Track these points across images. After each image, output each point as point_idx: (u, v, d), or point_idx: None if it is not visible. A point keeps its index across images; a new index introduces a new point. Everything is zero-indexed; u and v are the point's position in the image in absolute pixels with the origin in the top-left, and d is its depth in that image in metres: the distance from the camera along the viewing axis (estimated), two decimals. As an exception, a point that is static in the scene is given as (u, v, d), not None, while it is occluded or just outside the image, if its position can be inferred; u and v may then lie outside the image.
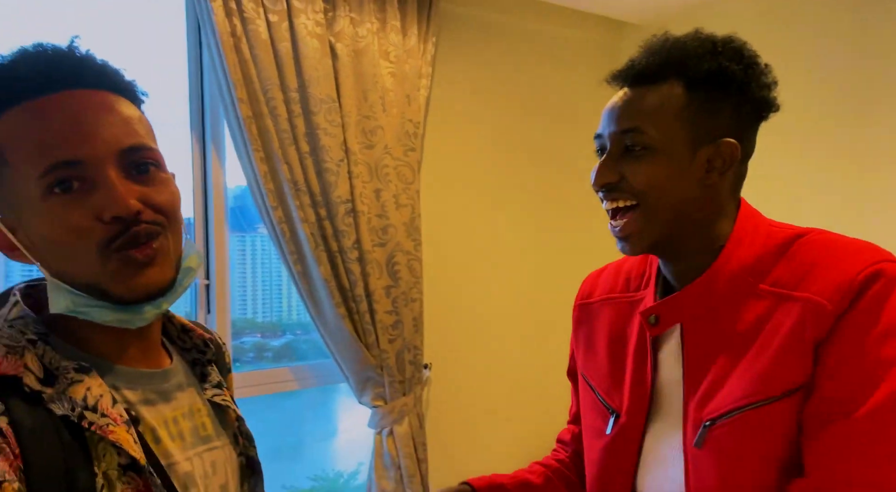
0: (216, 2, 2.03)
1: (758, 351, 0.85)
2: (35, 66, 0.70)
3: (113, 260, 0.69)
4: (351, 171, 2.24)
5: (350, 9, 2.30)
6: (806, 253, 0.87)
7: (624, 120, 0.89)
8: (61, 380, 0.68)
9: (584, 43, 3.12)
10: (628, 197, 0.89)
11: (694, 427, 0.87)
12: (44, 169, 0.67)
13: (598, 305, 1.08)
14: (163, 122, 2.18)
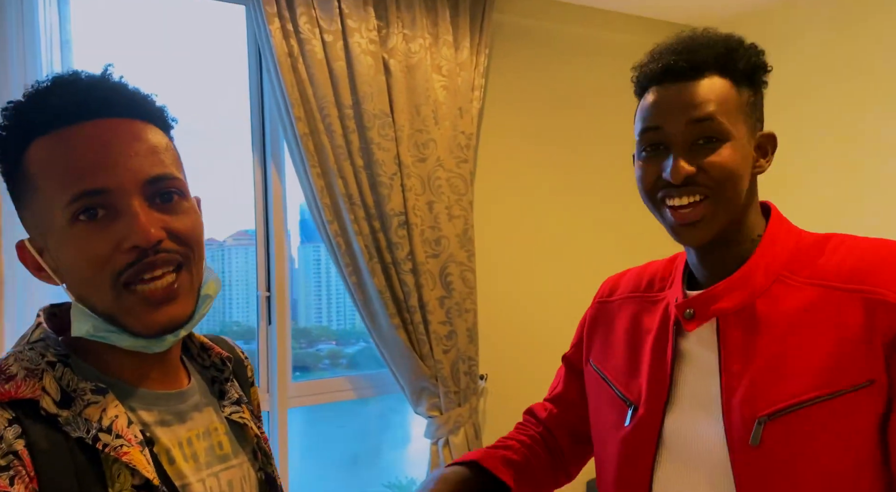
0: (274, 24, 2.12)
1: (812, 345, 0.83)
2: (67, 96, 0.71)
3: (125, 296, 0.71)
4: (404, 184, 2.28)
5: (403, 26, 2.35)
6: (848, 250, 0.87)
7: (696, 110, 0.87)
8: (78, 402, 0.70)
9: (641, 48, 3.07)
10: (702, 190, 0.87)
11: (743, 423, 0.84)
12: (71, 197, 0.69)
13: (618, 303, 1.09)
14: (227, 141, 2.30)
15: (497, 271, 2.61)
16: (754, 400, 0.85)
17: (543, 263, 2.73)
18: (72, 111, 0.71)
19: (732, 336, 0.89)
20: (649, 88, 0.92)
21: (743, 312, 0.89)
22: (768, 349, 0.86)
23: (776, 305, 0.88)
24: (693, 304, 0.91)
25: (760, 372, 0.86)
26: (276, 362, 2.27)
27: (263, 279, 2.30)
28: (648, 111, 0.91)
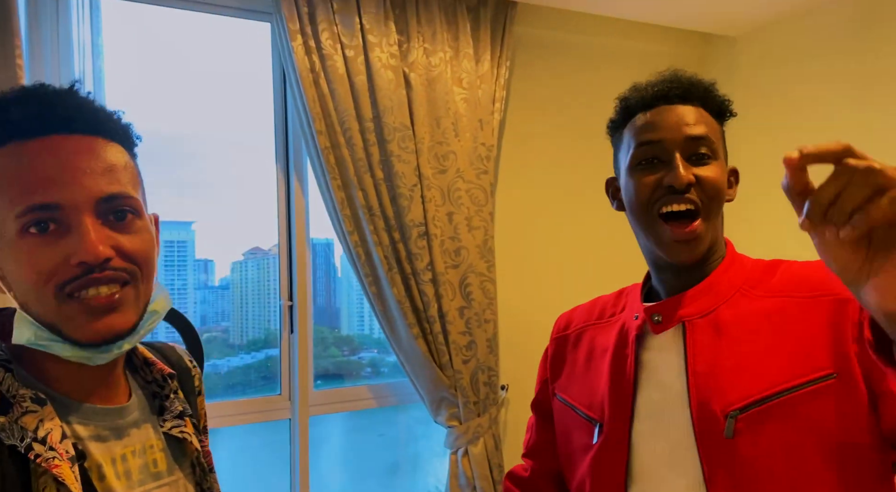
0: (296, 41, 2.18)
1: (776, 343, 0.88)
2: (29, 109, 0.71)
3: (68, 304, 0.71)
4: (424, 195, 2.31)
5: (423, 40, 2.39)
6: (795, 271, 0.95)
7: (695, 128, 0.95)
8: (16, 408, 0.69)
9: (668, 57, 3.05)
10: (696, 202, 0.93)
11: (713, 419, 0.87)
12: (23, 209, 0.69)
13: (574, 334, 1.14)
14: (252, 155, 2.36)
15: (518, 282, 2.61)
16: (724, 396, 0.88)
17: (564, 273, 2.72)
18: (33, 125, 0.71)
19: (698, 340, 0.93)
20: (640, 112, 0.98)
21: (708, 317, 0.93)
22: (734, 350, 0.90)
23: (739, 311, 0.93)
24: (661, 309, 0.96)
25: (727, 371, 0.89)
26: (297, 371, 2.31)
27: (286, 288, 2.35)
28: (646, 128, 0.97)
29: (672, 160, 0.93)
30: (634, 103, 1.00)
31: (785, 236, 2.94)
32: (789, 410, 0.85)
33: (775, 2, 2.67)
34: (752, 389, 0.87)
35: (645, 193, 0.95)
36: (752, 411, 0.86)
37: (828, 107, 2.69)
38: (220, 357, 2.48)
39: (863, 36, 2.56)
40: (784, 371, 0.87)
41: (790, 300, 0.91)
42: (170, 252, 2.41)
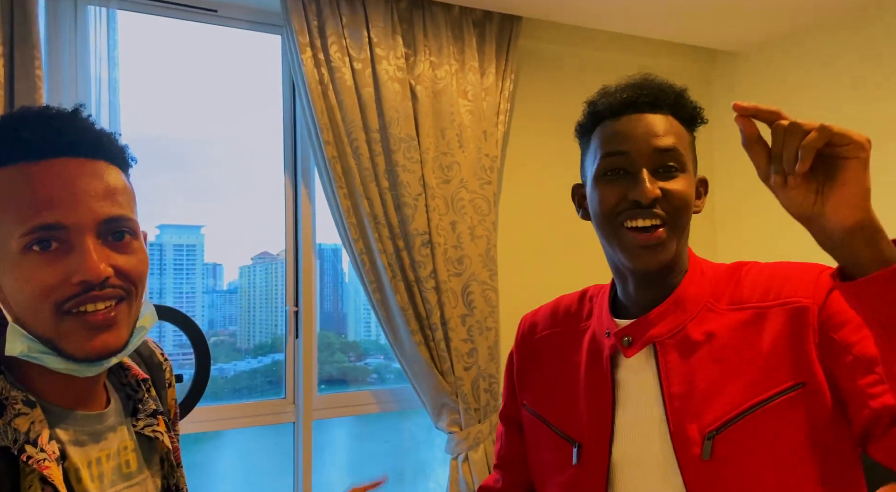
0: (306, 54, 2.24)
1: (744, 359, 0.89)
2: (38, 131, 0.74)
3: (67, 321, 0.74)
4: (428, 204, 2.36)
5: (430, 53, 2.45)
6: (756, 276, 0.95)
7: (663, 139, 0.92)
8: (9, 410, 0.73)
9: (671, 72, 3.09)
10: (661, 216, 0.91)
11: (692, 441, 0.88)
12: (28, 228, 0.72)
13: (541, 340, 1.10)
14: (262, 162, 2.42)
15: (520, 291, 2.65)
16: (700, 417, 0.88)
17: (566, 283, 2.75)
18: (41, 147, 0.74)
19: (670, 360, 0.92)
20: (608, 119, 0.97)
21: (677, 336, 0.93)
22: (705, 369, 0.90)
23: (706, 328, 0.93)
24: (630, 331, 0.95)
25: (701, 391, 0.89)
26: (301, 375, 2.36)
27: (292, 294, 2.40)
28: (613, 137, 0.94)
29: (638, 174, 0.91)
30: (602, 109, 0.97)
31: (783, 243, 2.97)
32: (762, 423, 0.86)
33: (777, 19, 2.71)
34: (725, 408, 0.87)
35: (609, 205, 0.93)
36: (727, 430, 0.86)
37: (830, 120, 2.72)
38: (227, 361, 2.52)
39: (863, 53, 2.60)
40: (753, 386, 0.87)
41: (753, 312, 0.91)
42: (179, 256, 2.46)
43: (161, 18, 2.26)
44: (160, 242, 2.42)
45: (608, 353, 0.98)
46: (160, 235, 2.42)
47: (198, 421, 2.21)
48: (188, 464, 0.98)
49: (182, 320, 1.88)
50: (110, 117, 2.01)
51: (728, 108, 1.05)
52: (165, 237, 2.43)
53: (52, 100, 1.93)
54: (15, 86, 1.86)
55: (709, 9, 2.62)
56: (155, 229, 2.41)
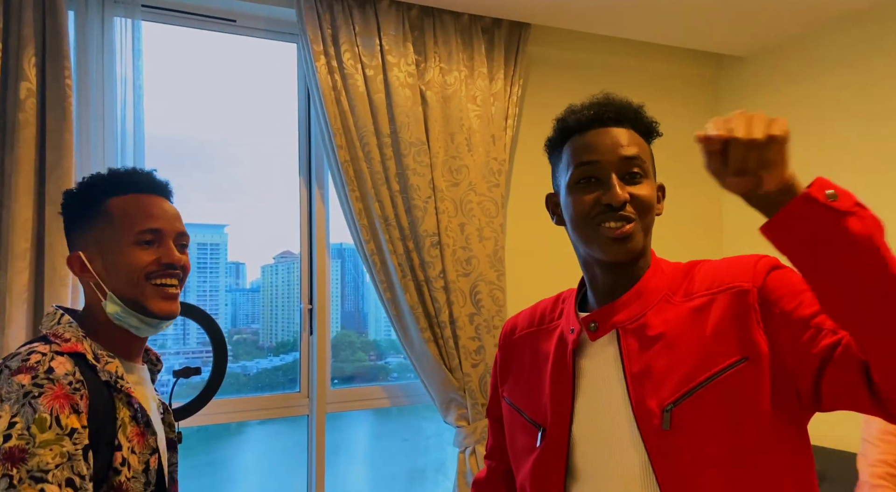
0: (320, 61, 2.33)
1: (696, 340, 1.00)
2: (144, 177, 1.22)
3: (150, 287, 1.16)
4: (437, 207, 2.44)
5: (440, 60, 2.53)
6: (705, 270, 1.07)
7: (628, 149, 1.05)
8: (102, 360, 1.12)
9: (679, 77, 3.16)
10: (630, 216, 1.03)
11: (652, 414, 0.98)
12: (141, 229, 1.17)
13: (519, 340, 1.22)
14: (281, 164, 2.51)
15: (527, 291, 2.72)
16: (658, 393, 0.99)
17: (571, 284, 2.81)
18: (147, 186, 1.22)
19: (630, 344, 1.03)
20: (577, 134, 1.08)
21: (637, 322, 1.05)
22: (660, 352, 1.01)
23: (663, 317, 1.04)
24: (596, 317, 1.07)
25: (659, 371, 1.00)
26: (315, 370, 2.46)
27: (307, 293, 2.50)
28: (584, 149, 1.06)
29: (609, 180, 1.03)
30: (572, 125, 1.08)
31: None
32: (712, 395, 0.96)
33: (784, 23, 2.76)
34: (680, 383, 0.98)
35: (585, 209, 1.04)
36: (683, 402, 0.97)
37: (835, 124, 2.76)
38: (249, 359, 2.60)
39: (869, 55, 2.63)
40: (703, 363, 0.98)
41: (702, 300, 1.03)
42: (203, 254, 2.55)
43: (183, 29, 2.37)
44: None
45: (571, 346, 1.08)
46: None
47: (214, 413, 2.31)
48: (209, 459, 1.25)
49: (203, 317, 1.97)
50: (135, 122, 2.11)
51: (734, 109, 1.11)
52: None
53: (80, 106, 2.04)
54: (46, 94, 1.97)
55: (715, 14, 2.67)
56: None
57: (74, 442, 1.00)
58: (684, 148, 3.14)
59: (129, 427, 1.10)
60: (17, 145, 1.91)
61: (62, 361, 1.04)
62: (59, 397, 1.00)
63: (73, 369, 1.04)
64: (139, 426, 1.12)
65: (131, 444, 1.10)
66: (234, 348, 2.58)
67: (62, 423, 0.99)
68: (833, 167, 2.74)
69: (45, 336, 1.11)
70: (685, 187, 3.13)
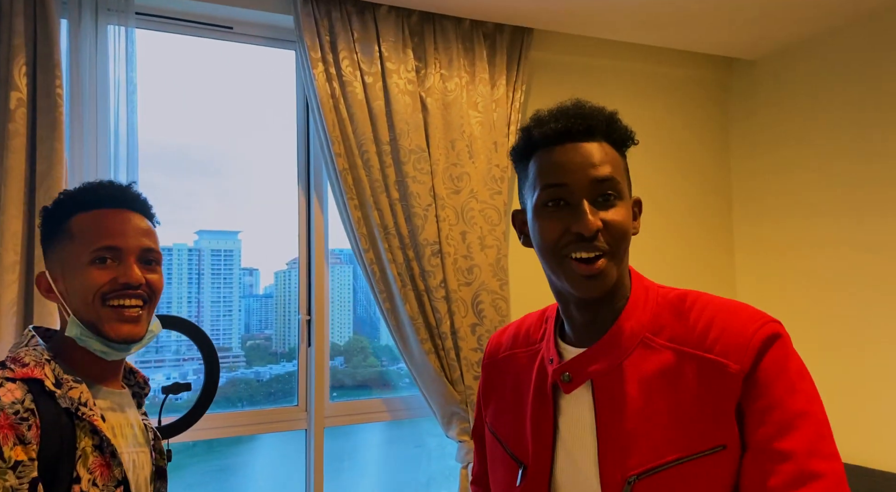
0: (317, 68, 2.29)
1: (672, 407, 0.90)
2: (109, 191, 1.16)
3: (106, 310, 1.10)
4: (438, 215, 2.39)
5: (440, 66, 2.48)
6: (698, 313, 0.94)
7: (600, 169, 0.93)
8: (64, 385, 1.07)
9: (686, 81, 3.09)
10: (602, 246, 0.92)
11: (615, 482, 0.89)
12: (96, 247, 1.11)
13: (503, 361, 1.13)
14: (282, 174, 2.47)
15: (531, 300, 2.66)
16: (625, 460, 0.90)
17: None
18: (111, 201, 1.15)
19: (604, 397, 0.94)
20: (544, 148, 0.96)
21: (612, 374, 0.94)
22: (634, 410, 0.91)
23: (640, 366, 0.93)
24: (568, 368, 0.97)
25: (628, 433, 0.91)
26: (314, 382, 2.40)
27: (304, 303, 2.45)
28: (552, 169, 0.94)
29: (579, 206, 0.92)
30: (538, 139, 0.97)
31: (805, 263, 2.94)
32: (682, 478, 0.87)
33: (794, 26, 2.69)
34: (649, 455, 0.89)
35: (553, 238, 0.93)
36: (648, 478, 0.88)
37: (847, 126, 2.69)
38: (262, 365, 2.57)
39: (880, 58, 2.56)
40: (679, 439, 0.88)
41: (686, 355, 0.92)
42: (216, 261, 2.51)
43: (179, 36, 2.34)
44: (198, 248, 2.48)
45: (551, 380, 0.99)
46: (198, 240, 2.48)
47: (209, 428, 2.26)
48: (215, 468, 1.11)
49: (190, 329, 1.93)
50: (128, 131, 2.08)
51: (745, 116, 1.01)
52: (203, 243, 2.49)
53: (73, 116, 2.01)
54: (37, 103, 1.94)
55: (724, 17, 2.61)
56: (193, 235, 2.48)
57: (19, 475, 0.95)
58: (692, 155, 3.08)
59: (90, 458, 1.05)
60: (7, 156, 1.88)
61: (11, 389, 1.00)
62: (3, 428, 0.96)
63: (22, 397, 0.99)
64: (104, 456, 1.07)
65: (93, 475, 1.05)
66: (248, 354, 2.57)
67: (5, 455, 0.95)
68: (844, 172, 2.66)
69: (4, 361, 1.07)
70: (693, 198, 3.06)
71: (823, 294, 2.74)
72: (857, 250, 2.63)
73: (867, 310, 2.58)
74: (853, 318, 2.63)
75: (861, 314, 2.60)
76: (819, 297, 2.76)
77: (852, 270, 2.64)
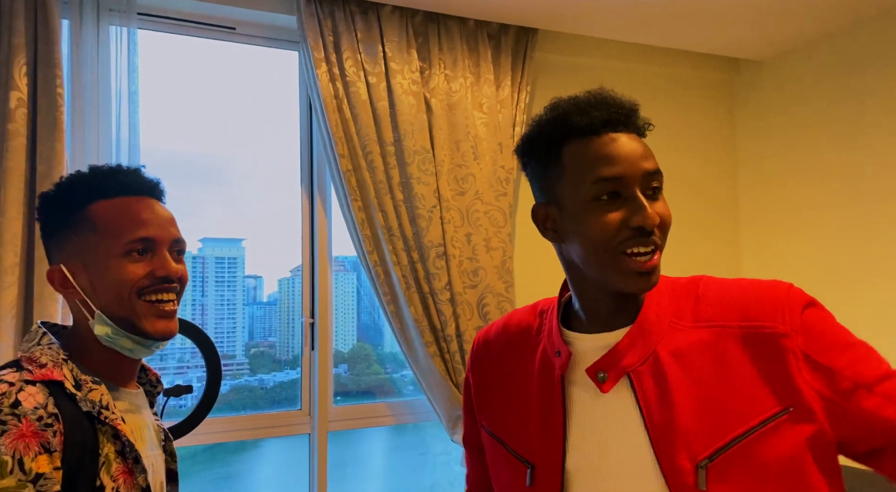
0: (321, 68, 2.27)
1: (723, 382, 0.88)
2: (129, 178, 1.08)
3: (143, 304, 1.03)
4: (443, 216, 2.36)
5: (444, 66, 2.46)
6: (716, 291, 0.95)
7: (650, 162, 0.92)
8: (84, 387, 0.99)
9: (692, 81, 3.07)
10: (656, 240, 0.91)
11: (685, 471, 0.85)
12: (129, 239, 1.03)
13: (496, 358, 1.08)
14: (286, 178, 2.45)
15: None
16: (689, 446, 0.86)
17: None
18: (135, 187, 1.08)
19: (647, 388, 0.90)
20: (584, 138, 0.93)
21: (648, 362, 0.91)
22: (683, 394, 0.88)
23: (676, 350, 0.91)
24: (602, 366, 0.93)
25: (684, 418, 0.87)
26: (317, 386, 2.37)
27: (308, 306, 2.42)
28: (605, 160, 0.90)
29: (636, 198, 0.89)
30: (579, 126, 0.92)
31: (812, 261, 2.90)
32: (752, 450, 0.85)
33: (800, 26, 2.66)
34: (713, 435, 0.86)
35: (610, 232, 0.89)
36: (719, 458, 0.85)
37: (854, 125, 2.65)
38: (266, 372, 2.55)
39: (887, 58, 2.53)
40: (739, 414, 0.86)
41: (720, 331, 0.91)
42: (220, 268, 2.50)
43: (181, 37, 2.32)
44: (202, 256, 2.46)
45: (559, 373, 0.96)
46: (202, 248, 2.47)
47: (212, 432, 2.23)
48: (220, 476, 1.07)
49: (196, 333, 1.90)
50: (130, 131, 2.06)
51: (753, 117, 0.98)
52: (207, 250, 2.47)
53: (74, 116, 1.99)
54: (37, 103, 1.92)
55: (730, 16, 2.58)
56: (197, 243, 2.47)
57: (39, 489, 0.88)
58: (699, 155, 3.05)
59: (114, 465, 0.98)
60: (7, 156, 1.86)
61: (32, 392, 0.92)
62: (26, 436, 0.89)
63: (44, 402, 0.92)
64: (126, 463, 1.00)
65: (117, 484, 0.98)
66: (252, 362, 2.56)
67: (25, 467, 0.88)
68: (852, 171, 2.63)
69: (19, 361, 0.99)
70: (700, 196, 3.03)
71: (825, 289, 2.70)
72: (864, 247, 2.59)
73: (874, 299, 2.55)
74: (864, 310, 2.59)
75: (872, 307, 2.57)
76: (825, 292, 2.73)
77: (856, 263, 2.60)
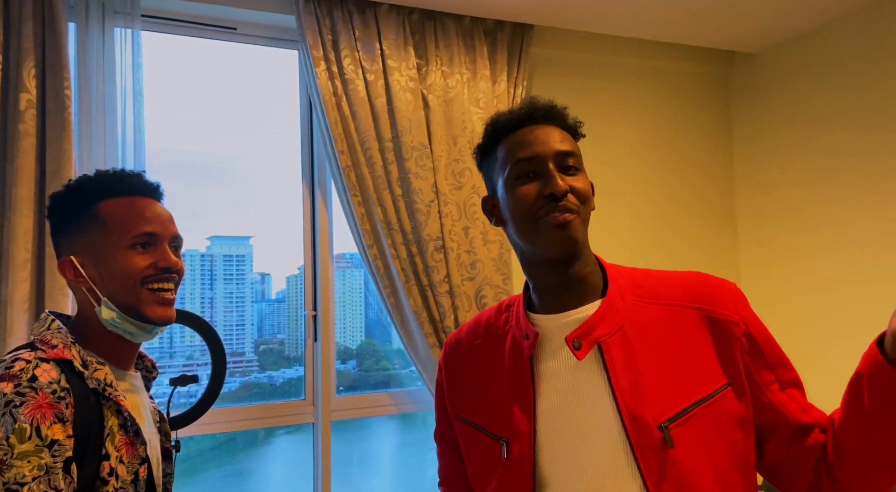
0: (320, 67, 2.33)
1: (679, 356, 1.01)
2: (135, 180, 1.21)
3: (146, 292, 1.15)
4: (441, 210, 2.42)
5: (441, 63, 2.51)
6: (670, 277, 1.10)
7: (565, 144, 1.06)
8: (90, 367, 1.11)
9: (687, 75, 3.11)
10: (572, 207, 1.03)
11: (647, 431, 0.95)
12: (135, 233, 1.15)
13: (467, 353, 1.17)
14: (288, 175, 2.50)
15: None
16: (653, 408, 0.96)
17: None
18: (141, 188, 1.21)
19: (615, 356, 1.01)
20: (511, 133, 1.08)
21: (616, 334, 1.02)
22: (646, 364, 1.00)
23: (639, 324, 1.03)
24: (577, 335, 1.03)
25: (648, 384, 0.99)
26: (320, 377, 2.44)
27: (311, 299, 2.48)
28: (520, 145, 1.06)
29: (548, 171, 1.03)
30: (505, 124, 1.09)
31: (809, 255, 2.94)
32: (704, 416, 0.98)
33: (795, 18, 2.70)
34: (674, 399, 0.97)
35: (527, 204, 1.02)
36: (680, 419, 0.96)
37: (848, 118, 2.69)
38: (275, 369, 2.60)
39: (882, 50, 2.56)
40: (694, 382, 0.99)
41: (670, 309, 1.04)
42: (229, 266, 2.55)
43: (184, 37, 2.38)
44: (210, 253, 2.51)
45: (528, 353, 1.05)
46: (210, 246, 2.52)
47: (218, 422, 2.30)
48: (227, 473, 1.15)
49: (200, 324, 1.97)
50: (135, 131, 2.12)
51: (748, 110, 1.05)
52: (215, 248, 2.52)
53: (81, 117, 2.05)
54: (46, 105, 1.98)
55: (725, 10, 2.62)
56: (205, 241, 2.52)
57: (54, 454, 0.98)
58: (695, 150, 3.09)
59: (117, 436, 1.09)
60: (18, 156, 1.93)
61: (47, 369, 1.02)
62: (42, 407, 0.99)
63: (58, 377, 1.03)
64: (128, 435, 1.11)
65: (119, 453, 1.09)
66: (261, 359, 2.61)
67: (42, 433, 0.98)
68: (845, 165, 2.67)
69: (33, 342, 1.10)
70: (695, 190, 3.07)
71: (825, 285, 2.74)
72: (860, 241, 2.63)
73: (871, 299, 2.59)
74: (858, 306, 2.63)
75: (866, 303, 2.61)
76: (821, 287, 2.77)
77: (855, 260, 2.64)
